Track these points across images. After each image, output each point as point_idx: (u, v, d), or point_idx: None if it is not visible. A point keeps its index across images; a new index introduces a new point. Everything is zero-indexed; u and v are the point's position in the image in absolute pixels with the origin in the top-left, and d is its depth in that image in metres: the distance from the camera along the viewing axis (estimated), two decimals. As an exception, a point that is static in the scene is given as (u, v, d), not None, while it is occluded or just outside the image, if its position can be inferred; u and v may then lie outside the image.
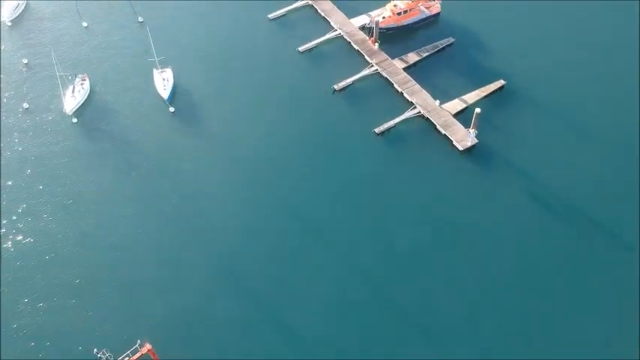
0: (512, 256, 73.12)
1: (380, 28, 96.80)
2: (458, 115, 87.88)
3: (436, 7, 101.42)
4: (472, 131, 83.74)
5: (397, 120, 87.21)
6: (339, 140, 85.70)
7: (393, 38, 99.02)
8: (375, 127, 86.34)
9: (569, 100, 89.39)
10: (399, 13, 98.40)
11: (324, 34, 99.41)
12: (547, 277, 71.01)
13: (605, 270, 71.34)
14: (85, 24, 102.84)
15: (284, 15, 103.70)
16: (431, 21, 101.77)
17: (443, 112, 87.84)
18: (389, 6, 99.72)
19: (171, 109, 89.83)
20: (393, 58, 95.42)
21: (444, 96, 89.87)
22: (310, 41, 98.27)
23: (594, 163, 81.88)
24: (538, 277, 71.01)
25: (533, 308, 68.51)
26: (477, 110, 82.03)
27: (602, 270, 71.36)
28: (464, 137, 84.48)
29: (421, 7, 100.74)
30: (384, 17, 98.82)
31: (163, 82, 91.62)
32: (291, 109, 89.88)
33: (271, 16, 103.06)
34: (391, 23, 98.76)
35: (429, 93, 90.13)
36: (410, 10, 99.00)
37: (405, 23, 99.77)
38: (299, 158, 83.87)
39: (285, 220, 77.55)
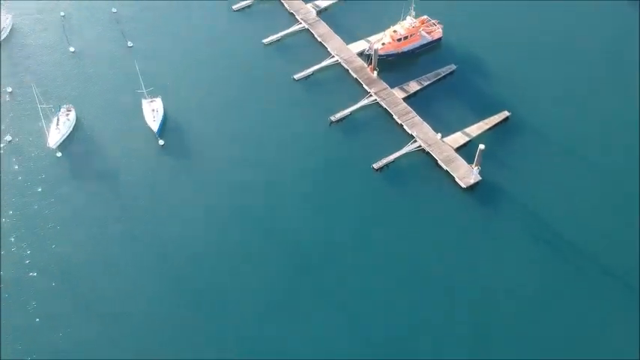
0: (514, 298, 69.48)
1: (379, 55, 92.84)
2: (460, 149, 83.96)
3: (437, 32, 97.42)
4: (475, 169, 79.76)
5: (397, 155, 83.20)
6: (336, 177, 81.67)
7: (392, 65, 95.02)
8: (374, 163, 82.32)
9: (578, 133, 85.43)
10: (399, 40, 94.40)
11: (320, 61, 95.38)
12: (550, 319, 67.43)
13: (606, 309, 68.49)
14: (72, 49, 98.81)
15: (279, 40, 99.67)
16: (432, 46, 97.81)
17: (444, 147, 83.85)
18: (388, 32, 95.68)
19: (161, 142, 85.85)
20: (392, 87, 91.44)
21: (445, 128, 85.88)
22: (306, 68, 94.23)
23: (602, 202, 77.92)
24: (540, 319, 67.40)
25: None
26: (481, 146, 78.02)
27: (603, 309, 68.40)
28: (467, 174, 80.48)
29: (422, 32, 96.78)
30: (383, 43, 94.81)
31: (153, 113, 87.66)
32: (286, 143, 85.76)
33: (266, 41, 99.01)
34: (391, 50, 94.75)
35: (429, 125, 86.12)
36: (411, 35, 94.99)
37: (406, 49, 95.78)
38: (294, 196, 79.78)
39: (280, 260, 73.55)
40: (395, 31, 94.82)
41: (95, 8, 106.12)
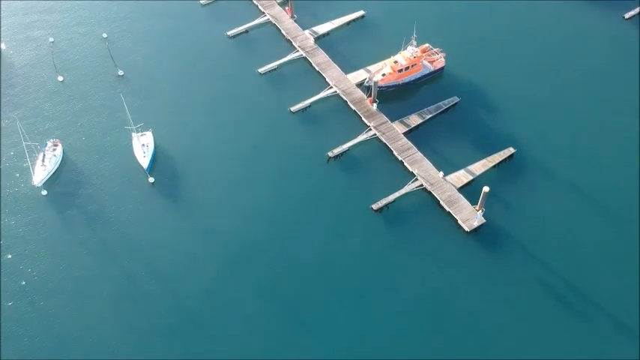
0: (519, 347, 66.60)
1: (379, 87, 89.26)
2: (463, 188, 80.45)
3: (440, 62, 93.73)
4: (479, 212, 76.20)
5: (397, 195, 79.61)
6: (333, 218, 78.10)
7: (392, 97, 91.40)
8: (373, 203, 78.78)
9: (587, 172, 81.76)
10: (400, 70, 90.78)
11: (318, 92, 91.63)
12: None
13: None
14: (60, 78, 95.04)
15: (275, 69, 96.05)
16: (434, 76, 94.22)
17: (447, 186, 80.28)
18: (389, 62, 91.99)
19: (151, 180, 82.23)
20: (392, 120, 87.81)
21: (448, 165, 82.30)
22: (303, 100, 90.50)
23: (611, 248, 74.47)
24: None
25: None
26: (485, 189, 74.43)
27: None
28: (470, 216, 76.93)
29: (424, 61, 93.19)
30: (383, 74, 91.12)
31: (143, 148, 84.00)
32: (281, 181, 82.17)
33: (262, 70, 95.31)
34: (391, 81, 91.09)
35: (431, 162, 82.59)
36: (412, 66, 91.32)
37: (407, 80, 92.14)
38: (289, 239, 76.25)
39: (272, 306, 70.31)
40: (396, 62, 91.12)
41: (85, 34, 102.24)
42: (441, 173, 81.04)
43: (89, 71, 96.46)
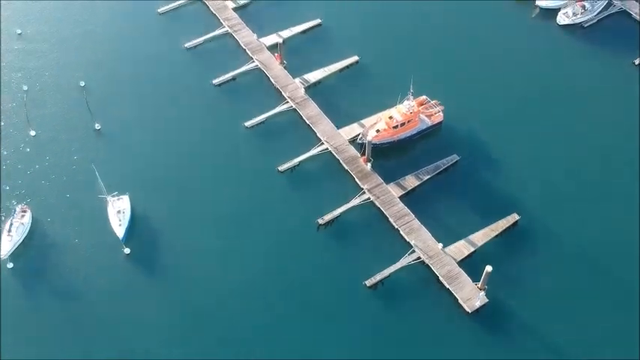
0: None
1: (373, 144, 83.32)
2: (464, 261, 74.43)
3: (438, 116, 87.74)
4: (482, 292, 70.19)
5: (392, 269, 73.54)
6: (323, 295, 72.00)
7: (388, 154, 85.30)
8: (367, 279, 72.69)
9: (598, 241, 75.77)
10: (395, 127, 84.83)
11: (308, 149, 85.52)
12: None
13: None
14: (32, 132, 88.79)
15: (263, 122, 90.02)
16: (432, 131, 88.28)
17: (446, 259, 74.24)
18: (384, 117, 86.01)
19: (127, 251, 76.05)
20: (387, 181, 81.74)
21: (447, 235, 76.13)
22: (292, 159, 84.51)
23: (625, 331, 68.63)
24: None
25: None
26: (488, 269, 68.36)
27: None
28: (472, 294, 70.91)
29: (421, 115, 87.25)
30: (377, 130, 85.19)
31: (118, 215, 77.77)
32: (268, 250, 76.14)
33: (249, 124, 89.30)
34: (386, 138, 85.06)
35: (429, 231, 76.56)
36: (408, 121, 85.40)
37: (403, 137, 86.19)
38: (274, 318, 70.24)
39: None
40: (391, 117, 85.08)
41: (61, 81, 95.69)
42: (440, 245, 75.00)
43: (65, 125, 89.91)
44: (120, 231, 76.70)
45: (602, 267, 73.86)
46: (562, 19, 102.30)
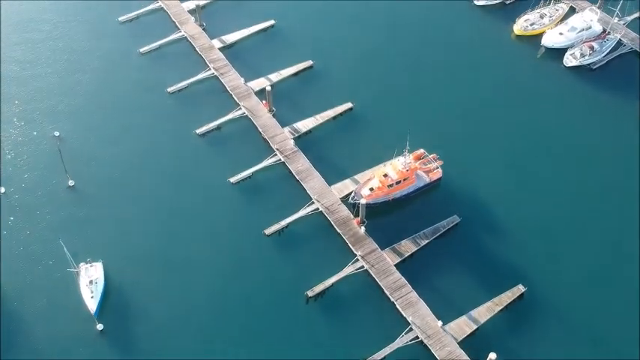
0: None
1: (367, 203, 77.27)
2: (466, 341, 68.27)
3: (437, 172, 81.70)
4: (486, 381, 64.26)
5: (388, 351, 67.30)
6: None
7: (383, 214, 79.27)
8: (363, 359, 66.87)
9: (609, 316, 69.73)
10: (390, 185, 78.81)
11: (298, 209, 79.43)
12: None
13: None
14: (2, 190, 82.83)
15: (249, 177, 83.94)
16: (430, 188, 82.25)
17: (446, 338, 68.08)
18: (378, 174, 79.98)
19: (99, 327, 69.70)
20: (383, 247, 75.58)
21: (447, 309, 69.94)
22: (281, 220, 78.38)
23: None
24: None
25: None
26: (492, 357, 62.34)
27: None
28: (474, 381, 65.01)
29: (419, 171, 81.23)
30: (371, 189, 79.25)
31: (90, 286, 71.68)
32: (255, 325, 69.91)
33: (234, 180, 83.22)
34: (380, 197, 79.02)
35: (428, 306, 70.39)
36: (404, 179, 79.44)
37: (399, 195, 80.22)
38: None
39: None
40: (385, 175, 79.10)
41: (34, 131, 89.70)
42: (440, 322, 68.89)
43: (35, 179, 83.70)
44: (92, 304, 70.50)
45: (621, 349, 67.72)
46: (569, 60, 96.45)
